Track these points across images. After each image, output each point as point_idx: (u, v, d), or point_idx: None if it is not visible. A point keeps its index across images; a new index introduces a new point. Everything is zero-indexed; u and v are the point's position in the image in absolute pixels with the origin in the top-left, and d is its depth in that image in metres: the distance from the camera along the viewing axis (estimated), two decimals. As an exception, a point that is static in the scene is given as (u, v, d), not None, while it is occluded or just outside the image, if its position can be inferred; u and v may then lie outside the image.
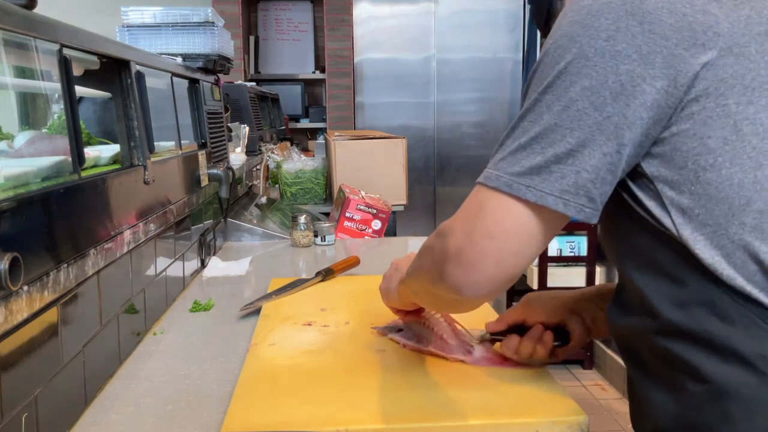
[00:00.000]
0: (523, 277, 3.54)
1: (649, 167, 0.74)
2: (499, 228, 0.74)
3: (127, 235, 1.14)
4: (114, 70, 1.24)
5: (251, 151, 2.69)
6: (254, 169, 2.67)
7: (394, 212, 2.64)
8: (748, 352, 0.69)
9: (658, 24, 0.70)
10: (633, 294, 0.80)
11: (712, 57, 0.70)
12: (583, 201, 0.72)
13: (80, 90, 1.30)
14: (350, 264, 1.66)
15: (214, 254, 1.90)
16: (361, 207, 2.27)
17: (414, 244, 2.20)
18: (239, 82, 3.33)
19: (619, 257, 0.82)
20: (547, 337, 1.01)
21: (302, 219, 2.07)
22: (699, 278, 0.72)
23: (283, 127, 4.21)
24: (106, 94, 1.33)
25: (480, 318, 1.13)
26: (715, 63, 0.70)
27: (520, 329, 1.04)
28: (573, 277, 3.45)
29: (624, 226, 0.79)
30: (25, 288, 0.78)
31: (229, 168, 1.95)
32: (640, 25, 0.70)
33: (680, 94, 0.70)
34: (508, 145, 0.76)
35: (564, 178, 0.72)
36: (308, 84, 4.89)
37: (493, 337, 1.07)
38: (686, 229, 0.72)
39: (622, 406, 3.11)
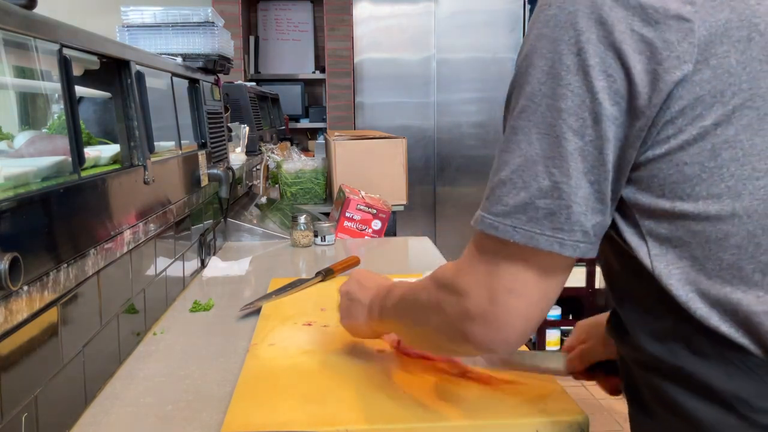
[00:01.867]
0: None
1: (627, 193, 0.68)
2: (517, 279, 0.68)
3: (127, 235, 1.14)
4: (114, 70, 1.24)
5: (251, 151, 2.69)
6: (254, 169, 2.67)
7: (394, 212, 2.63)
8: (726, 392, 0.65)
9: (629, 35, 0.63)
10: (620, 321, 0.75)
11: (687, 72, 0.63)
12: (578, 237, 0.66)
13: (80, 90, 1.30)
14: (350, 264, 1.66)
15: (214, 254, 1.90)
16: (361, 207, 2.27)
17: (414, 244, 2.20)
18: (239, 82, 3.33)
19: (605, 280, 0.78)
20: None
21: (302, 219, 2.07)
22: (672, 313, 0.67)
23: (283, 127, 4.21)
24: (106, 94, 1.33)
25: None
26: (691, 78, 0.63)
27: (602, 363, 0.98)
28: (573, 277, 3.45)
29: (605, 252, 0.73)
30: (25, 288, 0.78)
31: (229, 168, 1.95)
32: (612, 35, 0.64)
33: (652, 114, 0.64)
34: (491, 179, 0.70)
35: (553, 214, 0.66)
36: (308, 84, 4.89)
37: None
38: (661, 262, 0.66)
39: (622, 406, 3.10)
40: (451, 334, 0.75)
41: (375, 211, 2.28)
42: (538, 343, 3.48)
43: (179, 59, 1.80)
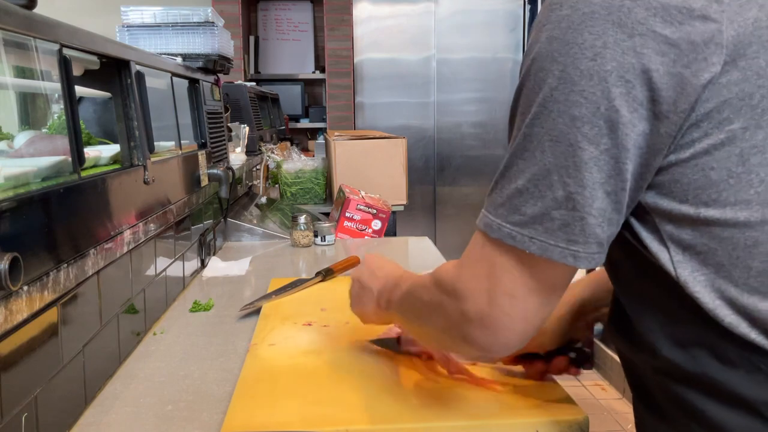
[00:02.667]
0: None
1: (645, 198, 0.65)
2: (519, 285, 0.67)
3: (127, 235, 1.14)
4: (114, 70, 1.24)
5: (251, 151, 2.69)
6: (254, 169, 2.67)
7: (394, 212, 2.63)
8: (753, 399, 0.63)
9: (651, 37, 0.60)
10: (631, 324, 0.73)
11: (715, 74, 0.60)
12: (593, 249, 0.64)
13: (80, 90, 1.30)
14: (350, 264, 1.66)
15: (214, 254, 1.90)
16: (361, 207, 2.27)
17: (414, 244, 2.20)
18: (239, 82, 3.33)
19: (613, 282, 0.76)
20: (572, 371, 0.98)
21: (302, 219, 2.07)
22: (697, 320, 0.65)
23: (283, 127, 4.21)
24: (106, 94, 1.33)
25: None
26: (718, 81, 0.60)
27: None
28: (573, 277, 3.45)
29: (616, 254, 0.71)
30: (25, 288, 0.78)
31: (229, 168, 1.95)
32: (630, 38, 0.60)
33: (680, 120, 0.61)
34: (506, 187, 0.68)
35: (568, 225, 0.64)
36: (308, 84, 4.89)
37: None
38: (685, 269, 0.64)
39: (622, 406, 3.11)
40: (452, 334, 0.74)
41: (375, 211, 2.28)
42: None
43: (179, 59, 1.80)
